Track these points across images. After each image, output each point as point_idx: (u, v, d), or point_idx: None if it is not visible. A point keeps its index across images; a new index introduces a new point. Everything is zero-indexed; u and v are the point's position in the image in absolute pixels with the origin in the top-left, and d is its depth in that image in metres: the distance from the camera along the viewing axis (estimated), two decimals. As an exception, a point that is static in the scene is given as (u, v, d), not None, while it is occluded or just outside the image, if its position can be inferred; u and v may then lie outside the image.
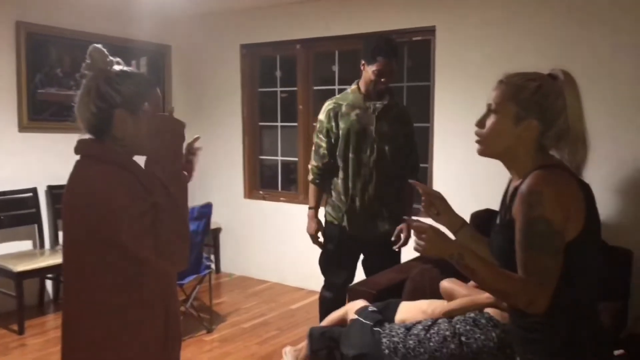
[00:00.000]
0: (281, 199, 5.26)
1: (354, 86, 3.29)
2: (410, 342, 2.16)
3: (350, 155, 3.20)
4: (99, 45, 1.59)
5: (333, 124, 3.25)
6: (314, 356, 2.35)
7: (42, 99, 4.61)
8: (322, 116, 3.32)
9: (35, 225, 4.55)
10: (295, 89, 5.14)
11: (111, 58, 1.60)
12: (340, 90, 4.82)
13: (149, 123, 1.56)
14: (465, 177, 4.15)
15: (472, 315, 2.18)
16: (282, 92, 5.34)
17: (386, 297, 2.61)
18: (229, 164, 5.52)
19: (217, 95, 5.52)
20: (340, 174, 3.26)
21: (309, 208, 3.40)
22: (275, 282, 5.24)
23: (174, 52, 5.56)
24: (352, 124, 3.19)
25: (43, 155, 4.61)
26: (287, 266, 5.16)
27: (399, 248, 3.25)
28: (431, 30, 4.24)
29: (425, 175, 4.43)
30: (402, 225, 3.24)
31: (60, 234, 4.71)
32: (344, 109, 3.24)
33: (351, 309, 2.50)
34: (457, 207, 4.40)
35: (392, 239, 3.23)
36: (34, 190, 4.54)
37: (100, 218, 1.44)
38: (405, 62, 4.59)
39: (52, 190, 4.66)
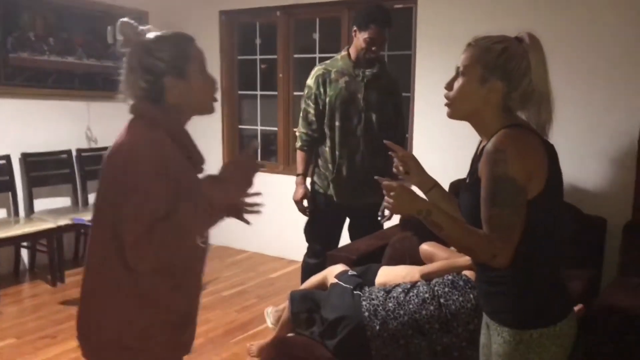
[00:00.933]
0: (261, 168, 5.22)
1: (344, 52, 3.25)
2: (390, 304, 2.18)
3: (337, 123, 3.16)
4: (125, 19, 1.54)
5: (321, 90, 3.20)
6: (294, 318, 2.36)
7: (15, 64, 4.49)
8: (310, 82, 3.27)
9: (9, 194, 4.46)
10: (275, 57, 5.08)
11: (141, 27, 1.55)
12: (321, 59, 4.77)
13: (224, 169, 1.59)
14: (446, 147, 4.16)
15: (450, 277, 2.20)
16: (261, 60, 5.26)
17: (365, 263, 2.63)
18: (207, 134, 5.45)
19: (196, 63, 5.42)
20: (328, 142, 3.23)
21: (297, 175, 3.37)
22: (255, 252, 5.24)
23: (152, 18, 5.43)
24: (340, 91, 3.16)
25: (16, 122, 4.51)
26: (267, 236, 5.15)
27: (384, 222, 3.27)
28: (413, -2, 4.20)
29: (405, 145, 4.43)
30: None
31: (36, 202, 4.64)
32: (332, 75, 3.20)
33: (331, 273, 2.51)
34: (437, 176, 4.41)
35: (379, 213, 3.25)
36: (6, 158, 4.44)
37: (122, 180, 1.39)
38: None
39: (26, 158, 4.57)
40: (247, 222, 1.71)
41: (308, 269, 3.30)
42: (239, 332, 3.55)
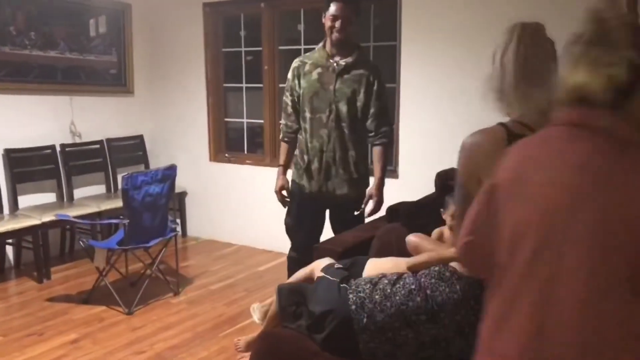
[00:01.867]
0: (247, 161, 5.21)
1: (321, 44, 3.23)
2: (377, 296, 2.18)
3: (309, 115, 3.15)
4: None
5: (296, 82, 3.21)
6: (282, 312, 2.36)
7: (-5, 58, 4.43)
8: (289, 74, 3.28)
9: (-7, 190, 4.42)
10: (260, 49, 5.04)
11: None
12: (306, 51, 4.76)
13: None
14: (431, 137, 4.17)
15: (436, 268, 2.20)
16: (247, 52, 5.23)
17: (352, 256, 2.62)
18: (193, 127, 5.43)
19: (180, 55, 5.38)
20: (303, 133, 3.23)
21: (279, 165, 3.37)
22: (243, 245, 5.23)
23: (135, 11, 5.37)
24: (312, 83, 3.14)
25: (-2, 118, 4.45)
26: (254, 229, 5.14)
27: (366, 214, 3.27)
28: (398, -11, 4.18)
29: (391, 135, 4.42)
30: (371, 192, 3.24)
31: (20, 198, 4.59)
32: (307, 67, 3.18)
33: (317, 267, 2.50)
34: (423, 166, 4.45)
35: (362, 206, 3.25)
36: (-11, 154, 4.39)
37: None
38: (372, 20, 4.54)
39: (9, 154, 4.51)
40: None
41: (291, 263, 3.30)
42: (227, 326, 3.55)
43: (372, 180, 3.31)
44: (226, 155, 5.38)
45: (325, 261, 2.52)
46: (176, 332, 3.47)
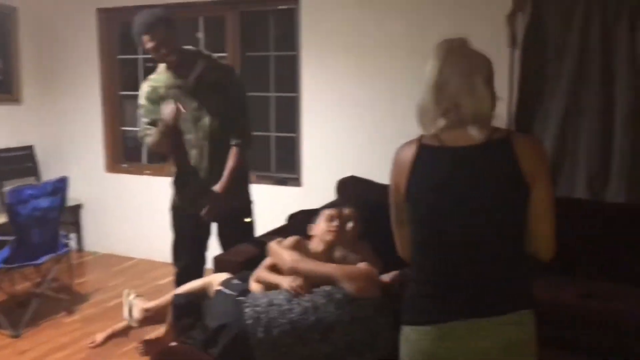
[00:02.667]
0: (146, 172, 5.05)
1: (161, 65, 3.02)
2: (273, 312, 2.19)
3: (176, 137, 2.96)
4: None
5: (154, 107, 2.98)
6: (177, 326, 2.30)
7: None
8: (142, 101, 3.04)
9: None
10: (158, 56, 4.91)
11: None
12: (206, 58, 4.70)
13: None
14: (333, 145, 4.24)
15: (327, 289, 2.23)
16: (145, 59, 5.08)
17: (253, 267, 2.60)
18: (87, 137, 5.19)
19: (73, 62, 5.14)
20: (172, 156, 3.08)
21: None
22: (143, 259, 5.05)
23: (21, 14, 5.06)
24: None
25: None
26: (155, 241, 4.97)
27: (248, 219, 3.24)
28: (296, 0, 4.22)
29: (293, 145, 4.46)
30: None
31: None
32: (161, 90, 2.97)
33: (214, 281, 2.46)
34: (324, 174, 4.50)
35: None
36: None
37: None
38: (272, 31, 4.56)
39: None
40: None
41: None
42: (125, 343, 3.40)
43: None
44: (124, 165, 5.19)
45: (223, 275, 2.49)
46: (69, 353, 3.29)
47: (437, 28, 3.77)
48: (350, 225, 2.72)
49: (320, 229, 2.59)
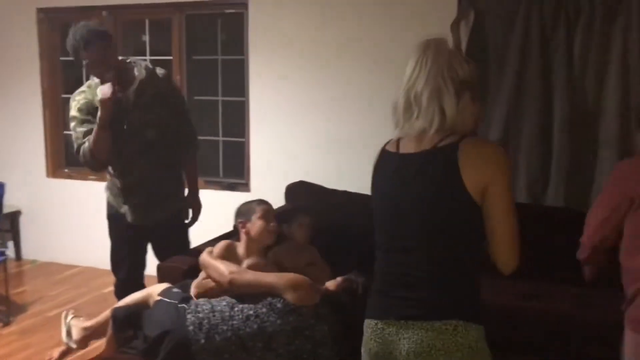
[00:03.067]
0: (90, 177, 4.91)
1: (95, 80, 2.90)
2: (215, 319, 2.17)
3: (114, 150, 2.86)
4: None
5: (91, 119, 2.87)
6: (118, 337, 2.25)
7: None
8: (75, 113, 2.93)
9: None
10: (102, 59, 4.79)
11: None
12: (152, 62, 4.61)
13: None
14: (281, 151, 4.23)
15: (269, 299, 2.24)
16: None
17: (197, 274, 2.56)
18: (27, 141, 5.01)
19: (11, 64, 4.95)
20: (110, 169, 3.01)
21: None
22: (86, 267, 4.89)
23: (-45, 13, 4.86)
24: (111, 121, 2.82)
25: None
26: (98, 248, 4.80)
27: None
28: (244, 4, 4.20)
29: (242, 150, 4.43)
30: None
31: None
32: (97, 104, 2.83)
33: (154, 292, 2.42)
34: (274, 179, 4.48)
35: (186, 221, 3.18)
36: None
37: None
38: (219, 35, 4.52)
39: None
40: None
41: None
42: (67, 355, 3.28)
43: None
44: (66, 170, 5.03)
45: (163, 285, 2.46)
46: (6, 366, 3.16)
47: (386, 34, 3.84)
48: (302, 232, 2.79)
49: (256, 228, 2.56)
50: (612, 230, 1.83)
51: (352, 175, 3.93)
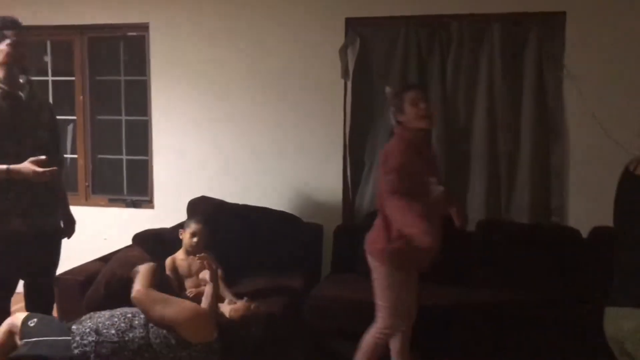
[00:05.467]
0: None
1: None
2: (104, 350, 2.14)
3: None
4: None
5: None
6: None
7: None
8: None
9: None
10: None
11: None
12: (55, 83, 4.66)
13: None
14: (185, 167, 4.35)
15: (164, 332, 2.22)
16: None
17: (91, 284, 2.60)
18: None
19: None
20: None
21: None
22: None
23: None
24: (4, 121, 2.80)
25: None
26: None
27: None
28: (145, 27, 4.34)
29: (145, 168, 4.52)
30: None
31: None
32: None
33: (14, 326, 2.29)
34: (176, 196, 4.56)
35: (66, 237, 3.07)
36: None
37: None
38: (122, 56, 4.62)
39: None
40: None
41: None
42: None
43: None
44: None
45: (20, 316, 2.33)
46: None
47: (279, 57, 4.08)
48: (195, 239, 2.96)
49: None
50: None
51: (251, 190, 4.16)
